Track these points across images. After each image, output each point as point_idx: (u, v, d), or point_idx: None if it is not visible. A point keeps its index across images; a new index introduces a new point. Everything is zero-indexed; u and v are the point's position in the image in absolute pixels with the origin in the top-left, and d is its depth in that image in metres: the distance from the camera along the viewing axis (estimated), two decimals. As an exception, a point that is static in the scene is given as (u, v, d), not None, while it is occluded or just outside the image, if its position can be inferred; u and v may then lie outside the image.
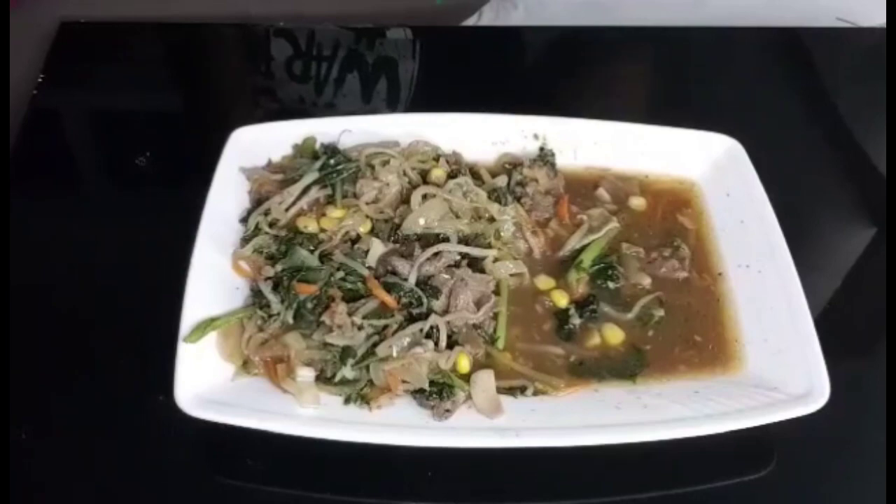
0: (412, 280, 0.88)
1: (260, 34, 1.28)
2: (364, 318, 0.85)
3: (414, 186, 0.97)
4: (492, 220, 0.95)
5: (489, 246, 0.93)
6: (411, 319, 0.86)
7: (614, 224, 0.98)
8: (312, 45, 1.26)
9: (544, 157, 1.02)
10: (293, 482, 0.82)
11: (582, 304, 0.92)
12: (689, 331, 0.91)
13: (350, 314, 0.85)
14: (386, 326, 0.85)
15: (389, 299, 0.86)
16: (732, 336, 0.90)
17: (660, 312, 0.92)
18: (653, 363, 0.88)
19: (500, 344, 0.88)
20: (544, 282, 0.94)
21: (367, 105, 1.21)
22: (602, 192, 1.02)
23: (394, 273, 0.89)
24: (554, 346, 0.89)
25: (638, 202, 1.02)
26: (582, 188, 1.03)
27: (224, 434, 0.79)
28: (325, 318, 0.85)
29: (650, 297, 0.93)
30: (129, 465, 0.83)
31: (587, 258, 0.95)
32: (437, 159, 1.01)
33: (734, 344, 0.90)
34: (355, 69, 1.24)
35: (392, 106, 1.21)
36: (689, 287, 0.95)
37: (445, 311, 0.87)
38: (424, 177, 0.99)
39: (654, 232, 1.00)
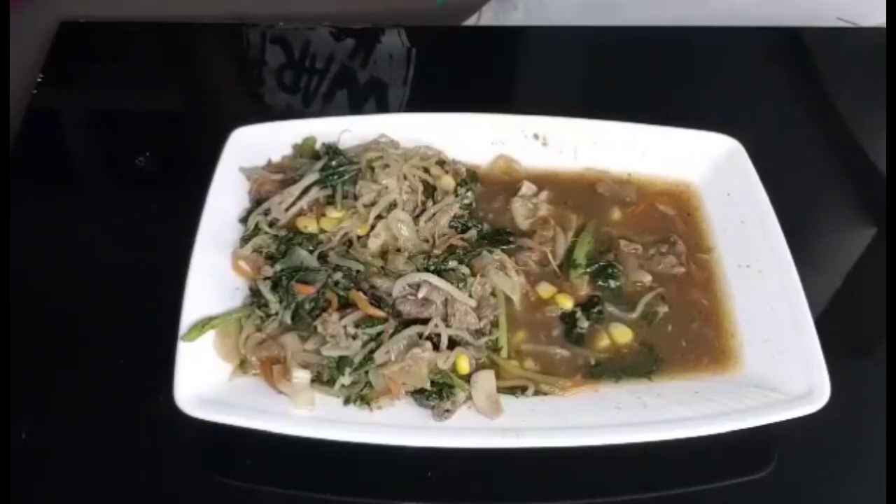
0: (396, 294, 0.87)
1: (259, 34, 1.28)
2: (356, 326, 0.84)
3: (413, 191, 0.97)
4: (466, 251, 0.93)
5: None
6: (406, 322, 0.86)
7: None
8: (311, 45, 1.26)
9: (458, 194, 0.99)
10: (293, 482, 0.82)
11: (587, 307, 0.92)
12: (693, 324, 0.91)
13: (341, 318, 0.84)
14: (380, 333, 0.84)
15: (376, 312, 0.85)
16: (732, 335, 0.90)
17: (663, 309, 0.92)
18: (666, 359, 0.88)
19: (504, 353, 0.87)
20: (546, 290, 0.93)
21: (365, 105, 1.21)
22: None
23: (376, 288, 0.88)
24: (566, 350, 0.89)
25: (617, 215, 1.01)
26: (582, 189, 1.03)
27: (224, 434, 0.79)
28: (317, 324, 0.84)
29: (652, 294, 0.93)
30: (129, 464, 0.83)
31: (580, 254, 0.95)
32: (441, 164, 1.01)
33: (734, 343, 0.90)
34: (355, 69, 1.24)
35: (391, 106, 1.21)
36: (688, 281, 0.95)
37: (445, 319, 0.86)
38: (426, 182, 0.98)
39: (647, 228, 1.00)
